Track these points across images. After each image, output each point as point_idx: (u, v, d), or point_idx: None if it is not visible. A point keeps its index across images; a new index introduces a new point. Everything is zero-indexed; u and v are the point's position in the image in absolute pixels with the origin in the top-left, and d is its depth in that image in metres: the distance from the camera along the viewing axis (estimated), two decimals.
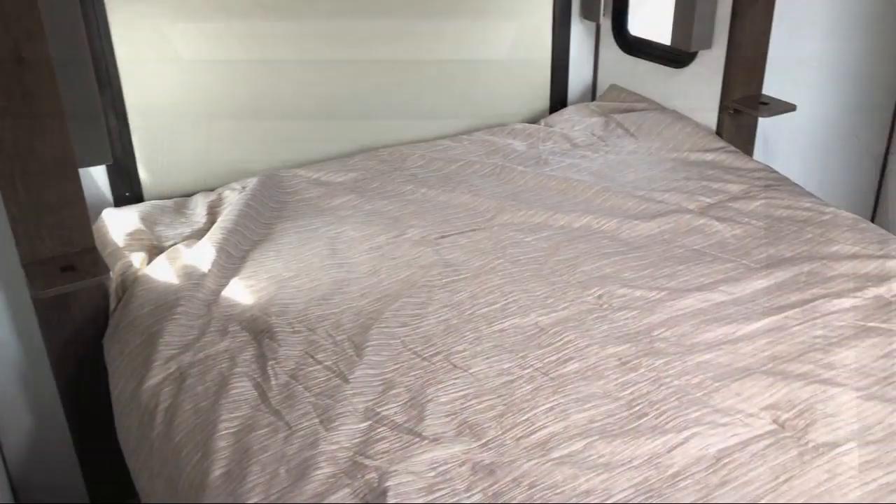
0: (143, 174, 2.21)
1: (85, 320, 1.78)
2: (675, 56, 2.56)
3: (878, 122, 2.85)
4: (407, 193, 2.21)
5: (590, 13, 2.71)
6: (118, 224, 2.00)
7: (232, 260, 1.88)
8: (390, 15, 2.44)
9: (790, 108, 2.36)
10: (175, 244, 1.96)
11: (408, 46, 2.50)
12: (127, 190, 2.20)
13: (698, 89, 2.50)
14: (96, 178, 2.14)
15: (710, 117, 2.48)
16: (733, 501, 1.21)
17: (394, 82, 2.52)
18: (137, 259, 1.88)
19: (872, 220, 2.99)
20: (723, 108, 2.42)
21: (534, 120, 2.77)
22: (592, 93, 2.91)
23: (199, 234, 2.00)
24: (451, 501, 1.22)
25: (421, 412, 1.41)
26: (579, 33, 2.79)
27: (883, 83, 2.79)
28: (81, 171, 1.74)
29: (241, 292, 1.77)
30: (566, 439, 1.33)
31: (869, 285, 1.74)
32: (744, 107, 2.37)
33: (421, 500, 1.21)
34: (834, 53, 2.65)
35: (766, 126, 2.56)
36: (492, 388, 1.46)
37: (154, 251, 1.94)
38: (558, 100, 2.83)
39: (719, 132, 2.46)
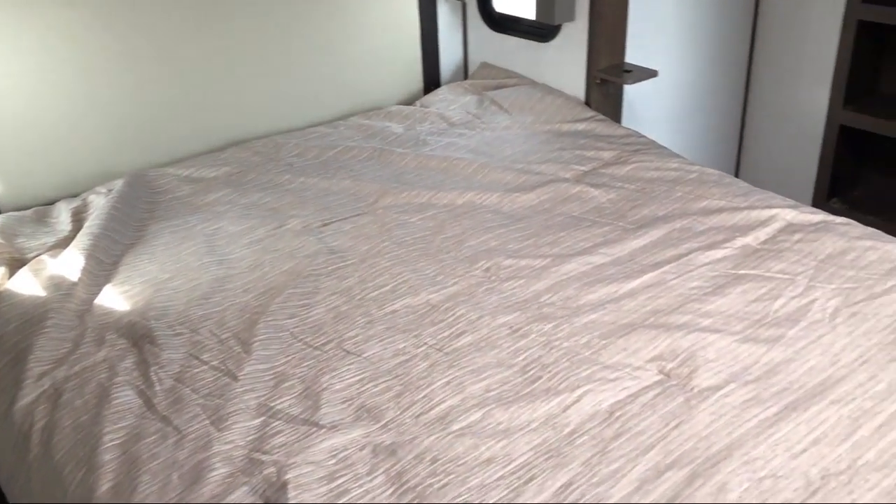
0: None
1: None
2: (540, 30, 2.61)
3: (734, 81, 3.01)
4: (285, 183, 2.16)
5: None
6: None
7: (103, 266, 1.78)
8: (255, 3, 2.37)
9: (652, 74, 2.45)
10: (39, 255, 1.84)
11: (273, 34, 2.44)
12: None
13: (565, 61, 2.56)
14: None
15: (579, 88, 2.55)
16: (628, 451, 1.25)
17: (262, 72, 2.45)
18: None
19: (736, 175, 3.15)
20: (590, 79, 2.49)
21: (409, 102, 2.77)
22: (465, 71, 2.94)
23: (65, 243, 1.89)
24: (353, 486, 1.20)
25: (316, 402, 1.38)
26: (446, 13, 2.80)
27: (736, 43, 2.94)
28: None
29: (115, 299, 1.68)
30: (464, 411, 1.34)
31: (737, 236, 1.83)
32: (609, 76, 2.44)
33: (322, 489, 1.19)
34: (687, 18, 2.77)
35: (632, 93, 2.65)
36: (387, 370, 1.45)
37: (15, 264, 1.81)
38: (431, 80, 2.83)
39: (588, 102, 2.53)
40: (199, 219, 1.97)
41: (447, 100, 2.69)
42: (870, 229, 1.84)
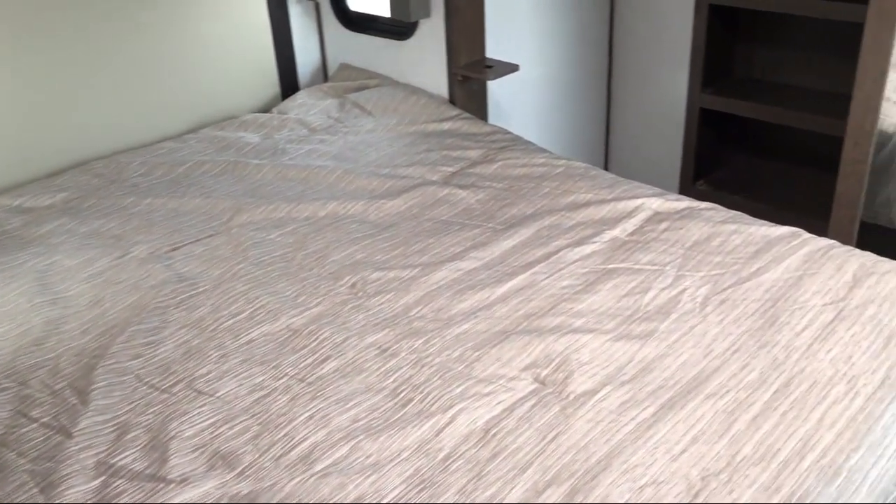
0: None
1: None
2: (397, 28, 2.52)
3: (597, 71, 3.02)
4: (129, 207, 1.98)
5: None
6: None
7: None
8: (87, 8, 2.17)
9: (514, 68, 2.40)
10: None
11: (111, 44, 2.24)
12: None
13: (426, 59, 2.48)
14: None
15: (442, 86, 2.47)
16: (505, 472, 1.17)
17: (101, 85, 2.25)
18: None
19: (606, 164, 3.17)
20: (451, 76, 2.42)
21: (265, 109, 2.62)
22: (324, 74, 2.81)
23: None
24: None
25: (164, 453, 1.24)
26: (299, 14, 2.67)
27: (595, 32, 2.94)
28: None
29: None
30: (329, 447, 1.23)
31: (605, 229, 1.80)
32: (470, 72, 2.38)
33: None
34: (546, 10, 2.75)
35: (496, 89, 2.60)
36: (244, 409, 1.32)
37: None
38: (289, 85, 2.69)
39: (452, 100, 2.46)
40: (31, 254, 1.77)
41: (306, 104, 2.56)
42: (733, 212, 1.85)
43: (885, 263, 1.60)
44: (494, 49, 2.49)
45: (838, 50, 2.56)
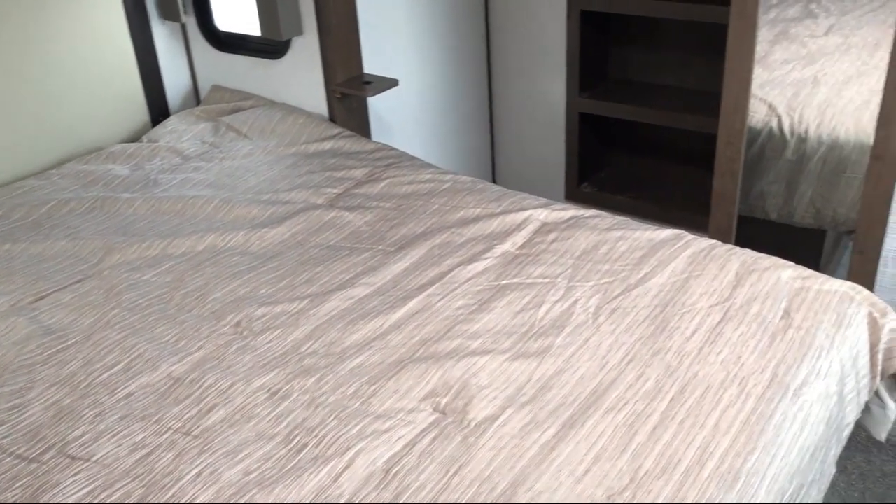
0: None
1: None
2: (269, 47, 2.43)
3: (477, 82, 3.01)
4: None
5: (169, 13, 2.47)
6: None
7: None
8: None
9: (393, 83, 2.36)
10: None
11: None
12: None
13: (302, 78, 2.40)
14: None
15: (321, 105, 2.41)
16: None
17: None
18: None
19: (493, 175, 3.18)
20: (330, 94, 2.36)
21: (134, 138, 2.48)
22: (196, 97, 2.69)
23: None
24: None
25: None
26: (164, 35, 2.54)
27: (472, 42, 2.93)
28: None
29: None
30: None
31: (496, 244, 1.78)
32: (349, 89, 2.32)
33: None
34: (420, 23, 2.72)
35: (377, 105, 2.55)
36: (125, 471, 1.22)
37: None
38: (159, 111, 2.56)
39: (333, 118, 2.40)
40: None
41: (178, 130, 2.44)
42: (619, 218, 1.87)
43: (765, 260, 1.65)
44: (372, 64, 2.44)
45: (708, 50, 2.65)
